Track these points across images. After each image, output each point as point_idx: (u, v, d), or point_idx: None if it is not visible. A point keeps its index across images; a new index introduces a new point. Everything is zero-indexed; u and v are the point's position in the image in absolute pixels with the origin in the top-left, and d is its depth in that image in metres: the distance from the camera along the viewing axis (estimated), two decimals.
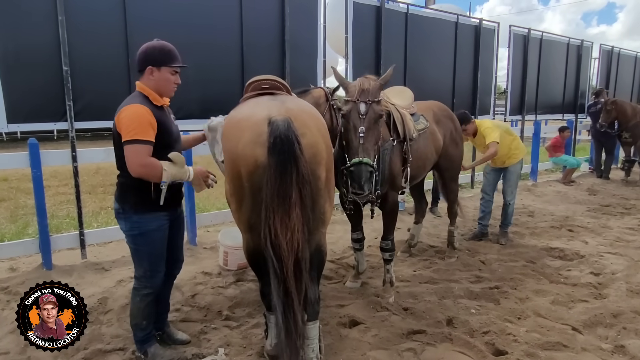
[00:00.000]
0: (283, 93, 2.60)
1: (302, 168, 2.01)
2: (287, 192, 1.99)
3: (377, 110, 2.67)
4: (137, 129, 2.15)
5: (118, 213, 2.38)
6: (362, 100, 2.68)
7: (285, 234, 1.99)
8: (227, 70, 4.56)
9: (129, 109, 2.20)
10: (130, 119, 2.16)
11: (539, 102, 8.14)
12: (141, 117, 2.18)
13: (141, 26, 3.97)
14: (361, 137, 2.58)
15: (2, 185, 7.68)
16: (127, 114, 2.18)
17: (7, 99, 3.51)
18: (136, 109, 2.20)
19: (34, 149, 3.61)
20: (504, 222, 4.76)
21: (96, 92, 3.85)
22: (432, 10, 6.49)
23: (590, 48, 9.23)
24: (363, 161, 2.54)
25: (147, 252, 2.39)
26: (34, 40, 3.59)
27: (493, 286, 3.52)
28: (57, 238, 4.01)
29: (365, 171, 2.54)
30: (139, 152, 2.15)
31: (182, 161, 2.31)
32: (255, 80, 2.68)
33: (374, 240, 4.57)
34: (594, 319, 2.99)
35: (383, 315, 3.05)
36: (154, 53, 2.31)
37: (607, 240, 4.72)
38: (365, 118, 2.63)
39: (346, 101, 2.75)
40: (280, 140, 1.99)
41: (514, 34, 7.39)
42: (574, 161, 8.10)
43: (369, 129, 2.62)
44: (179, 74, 2.40)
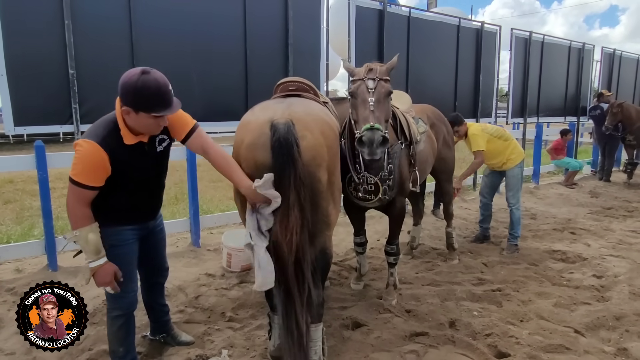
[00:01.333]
0: (310, 95, 2.62)
1: (300, 170, 2.03)
2: (285, 194, 2.02)
3: (385, 87, 2.62)
4: (81, 171, 1.95)
5: None
6: (370, 77, 2.63)
7: (285, 235, 2.02)
8: (231, 74, 4.60)
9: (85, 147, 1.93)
10: (79, 157, 1.95)
11: (541, 105, 8.15)
12: (92, 161, 1.95)
13: (146, 31, 4.02)
14: (371, 105, 2.50)
15: (8, 187, 7.74)
16: (81, 149, 1.94)
17: (14, 102, 3.55)
18: (91, 150, 1.93)
19: (40, 151, 3.64)
20: (511, 232, 4.47)
21: (101, 95, 3.88)
22: (434, 14, 6.52)
23: (592, 51, 9.25)
24: (375, 126, 2.43)
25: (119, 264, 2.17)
26: (41, 44, 3.64)
27: (495, 288, 3.53)
28: (62, 240, 4.04)
29: (377, 135, 2.42)
30: (74, 194, 1.97)
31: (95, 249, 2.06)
32: (284, 82, 2.70)
33: (377, 243, 4.59)
34: (597, 322, 3.00)
35: (385, 317, 3.07)
36: (129, 94, 1.93)
37: (610, 243, 4.73)
38: (374, 92, 2.56)
39: (354, 81, 2.70)
40: (279, 143, 2.02)
41: (516, 37, 7.42)
42: (576, 164, 8.10)
43: (378, 102, 2.55)
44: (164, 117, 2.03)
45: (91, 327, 2.93)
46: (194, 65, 4.33)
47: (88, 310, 2.03)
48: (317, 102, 2.64)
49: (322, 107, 2.57)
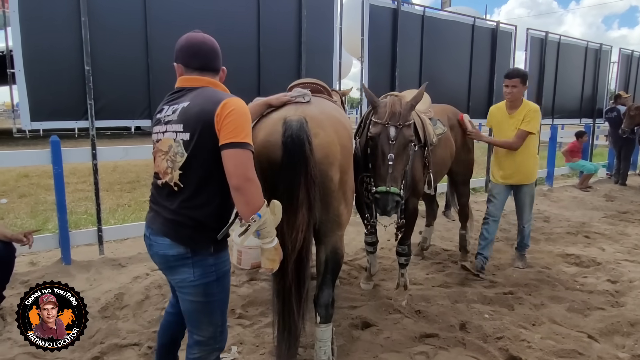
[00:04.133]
0: (323, 96, 2.61)
1: (311, 168, 2.02)
2: (295, 191, 2.01)
3: (407, 136, 2.56)
4: (249, 131, 1.68)
5: (182, 258, 1.73)
6: (393, 124, 2.55)
7: (290, 232, 2.01)
8: (244, 72, 4.61)
9: (240, 104, 1.67)
10: (244, 118, 1.67)
11: (556, 106, 8.04)
12: (249, 119, 1.72)
13: (161, 27, 4.06)
14: (390, 165, 2.47)
15: (23, 182, 7.87)
16: (239, 110, 1.65)
17: (30, 98, 3.61)
18: (245, 107, 1.71)
19: (56, 146, 3.70)
20: (521, 243, 4.14)
21: (116, 92, 3.93)
22: (448, 13, 6.46)
23: (609, 52, 9.09)
24: (391, 191, 2.45)
25: (221, 301, 1.86)
26: (57, 40, 3.69)
27: (507, 291, 3.49)
28: (76, 234, 4.10)
29: (392, 200, 2.47)
30: (249, 161, 1.65)
31: (280, 215, 1.81)
32: (297, 84, 2.70)
33: (387, 243, 4.57)
34: (611, 327, 2.94)
35: (395, 318, 3.05)
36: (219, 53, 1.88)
37: (625, 248, 4.64)
38: (395, 144, 2.50)
39: (375, 123, 2.62)
40: (291, 140, 2.01)
41: (531, 37, 7.32)
42: (591, 167, 7.97)
43: (398, 156, 2.51)
44: None
45: (103, 321, 2.97)
46: None
47: (88, 311, 2.03)
48: (331, 101, 2.63)
49: (336, 107, 2.56)
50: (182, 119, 1.70)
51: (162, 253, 1.77)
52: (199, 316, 1.83)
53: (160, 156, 1.76)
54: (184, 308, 1.85)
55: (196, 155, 1.67)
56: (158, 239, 1.76)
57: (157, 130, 1.80)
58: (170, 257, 1.75)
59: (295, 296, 2.10)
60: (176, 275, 1.78)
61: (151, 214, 1.85)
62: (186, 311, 1.85)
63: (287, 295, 2.10)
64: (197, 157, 1.68)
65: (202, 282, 1.75)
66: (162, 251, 1.76)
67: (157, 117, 1.83)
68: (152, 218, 1.83)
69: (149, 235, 1.82)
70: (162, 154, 1.75)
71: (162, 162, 1.75)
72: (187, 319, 1.88)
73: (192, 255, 1.73)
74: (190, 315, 1.85)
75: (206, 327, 1.85)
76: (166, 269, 1.82)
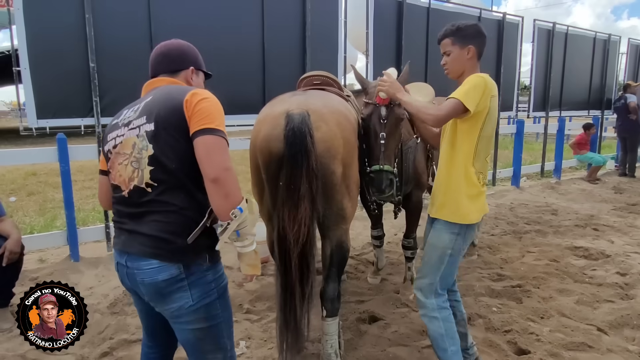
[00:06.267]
0: (334, 89, 2.60)
1: (313, 162, 2.01)
2: (296, 185, 2.00)
3: (398, 114, 2.55)
4: (222, 120, 1.51)
5: (176, 282, 1.48)
6: (383, 103, 2.55)
7: (292, 226, 2.01)
8: (249, 66, 4.60)
9: (211, 94, 1.54)
10: (217, 107, 1.51)
11: (564, 98, 7.96)
12: (222, 110, 1.55)
13: (166, 24, 4.07)
14: (382, 143, 2.47)
15: (31, 180, 7.94)
16: (212, 99, 1.52)
17: (37, 96, 3.63)
18: (215, 98, 1.55)
19: (63, 143, 3.72)
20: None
21: (121, 89, 3.94)
22: (454, 5, 6.40)
23: (618, 42, 8.97)
24: (384, 169, 2.46)
25: (226, 320, 1.63)
26: (62, 38, 3.70)
27: (515, 285, 3.47)
28: (84, 231, 4.13)
29: (385, 178, 2.47)
30: (225, 149, 1.47)
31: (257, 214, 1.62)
32: (308, 76, 2.69)
33: (394, 237, 4.56)
34: (620, 320, 2.92)
35: (403, 312, 3.05)
36: (194, 52, 1.77)
37: (635, 240, 4.59)
38: (387, 122, 2.51)
39: (367, 104, 2.63)
40: (292, 133, 2.01)
41: (538, 28, 7.24)
42: (599, 159, 7.89)
43: (390, 134, 2.51)
44: None
45: (112, 317, 2.99)
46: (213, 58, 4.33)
47: (88, 310, 2.03)
48: (340, 95, 2.62)
49: (342, 100, 2.54)
50: (145, 111, 1.53)
51: (149, 281, 1.47)
52: (203, 345, 1.58)
53: (121, 163, 1.53)
54: (184, 339, 1.59)
55: (165, 145, 1.46)
56: (142, 264, 1.47)
57: (112, 136, 1.59)
58: (162, 283, 1.46)
59: (299, 292, 2.08)
60: (170, 304, 1.50)
61: (123, 236, 1.55)
62: (187, 342, 1.59)
63: (291, 291, 2.09)
64: (166, 148, 1.46)
65: (204, 304, 1.52)
66: (149, 278, 1.47)
67: (114, 122, 1.64)
68: (126, 241, 1.53)
69: (126, 262, 1.52)
70: (125, 158, 1.52)
71: (125, 168, 1.52)
72: (189, 351, 1.62)
73: (187, 274, 1.48)
74: (194, 346, 1.58)
75: (214, 355, 1.61)
76: (156, 299, 1.51)
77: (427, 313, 2.17)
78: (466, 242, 2.16)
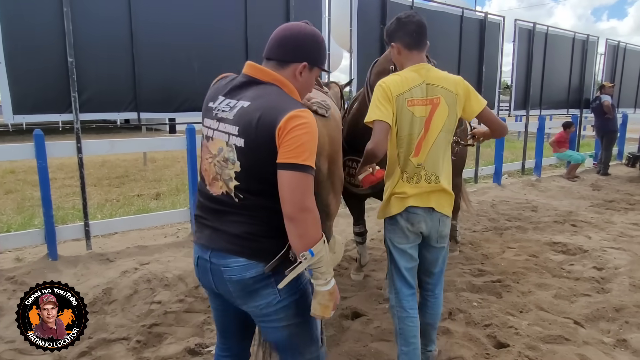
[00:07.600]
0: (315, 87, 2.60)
1: None
2: None
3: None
4: (313, 151, 1.41)
5: (263, 279, 1.47)
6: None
7: None
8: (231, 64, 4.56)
9: (308, 120, 1.40)
10: (310, 137, 1.39)
11: (544, 97, 8.09)
12: (316, 137, 1.43)
13: (146, 20, 4.00)
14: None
15: (10, 178, 7.74)
16: (306, 127, 1.39)
17: (12, 91, 3.53)
18: (314, 122, 1.42)
19: (40, 139, 3.63)
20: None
21: (101, 84, 3.87)
22: (437, 4, 6.45)
23: (596, 43, 9.16)
24: None
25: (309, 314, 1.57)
26: (40, 32, 3.61)
27: (495, 280, 3.53)
28: (62, 229, 4.05)
29: None
30: (308, 188, 1.39)
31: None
32: None
33: (377, 234, 4.58)
34: (596, 313, 2.99)
35: (385, 308, 3.06)
36: (313, 46, 1.56)
37: (611, 236, 4.71)
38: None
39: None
40: None
41: (519, 28, 7.34)
42: (578, 157, 8.07)
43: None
44: None
45: (91, 316, 2.93)
46: (195, 55, 4.30)
47: (88, 310, 2.02)
48: (320, 91, 2.62)
49: (325, 97, 2.55)
50: (238, 121, 1.43)
51: (237, 278, 1.46)
52: (298, 340, 1.58)
53: (207, 158, 1.52)
54: (276, 338, 1.57)
55: (252, 166, 1.42)
56: (229, 261, 1.46)
57: (207, 124, 1.54)
58: (249, 280, 1.45)
59: None
60: (258, 301, 1.48)
61: (207, 231, 1.52)
62: (280, 341, 1.57)
63: None
64: (253, 168, 1.43)
65: (292, 300, 1.52)
66: (237, 275, 1.45)
67: (209, 105, 1.55)
68: (209, 237, 1.51)
69: (210, 258, 1.49)
70: (211, 156, 1.51)
71: (209, 165, 1.51)
72: (282, 349, 1.60)
73: (274, 272, 1.46)
74: (289, 342, 1.57)
75: (308, 347, 1.61)
76: (244, 296, 1.49)
77: (388, 309, 2.25)
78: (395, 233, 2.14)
